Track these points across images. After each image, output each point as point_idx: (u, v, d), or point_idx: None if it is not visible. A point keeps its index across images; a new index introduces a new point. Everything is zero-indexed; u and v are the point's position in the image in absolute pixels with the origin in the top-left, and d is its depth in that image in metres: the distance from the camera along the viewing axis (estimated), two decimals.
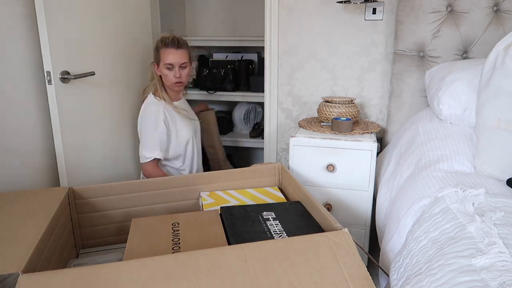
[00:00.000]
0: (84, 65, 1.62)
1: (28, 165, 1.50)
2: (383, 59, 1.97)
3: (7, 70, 1.40)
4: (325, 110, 1.79)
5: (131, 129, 1.97)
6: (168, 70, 1.73)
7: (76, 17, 1.57)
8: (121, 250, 1.24)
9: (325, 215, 1.06)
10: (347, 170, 1.63)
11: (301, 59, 2.08)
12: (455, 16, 1.71)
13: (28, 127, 1.49)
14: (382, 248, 1.18)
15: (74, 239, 1.26)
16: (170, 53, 1.71)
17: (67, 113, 1.54)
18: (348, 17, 1.96)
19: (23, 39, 1.45)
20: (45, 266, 0.96)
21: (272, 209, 1.22)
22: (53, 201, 1.16)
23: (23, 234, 0.96)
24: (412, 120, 1.68)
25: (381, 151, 1.90)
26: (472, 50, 1.72)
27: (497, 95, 1.13)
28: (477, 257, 0.74)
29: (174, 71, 1.73)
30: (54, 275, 0.78)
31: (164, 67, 1.73)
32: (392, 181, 1.40)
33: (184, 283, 0.78)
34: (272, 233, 1.06)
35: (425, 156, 1.30)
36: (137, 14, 2.01)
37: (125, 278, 0.78)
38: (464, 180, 1.09)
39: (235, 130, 2.79)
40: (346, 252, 0.87)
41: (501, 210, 0.88)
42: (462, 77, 1.46)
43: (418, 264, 0.85)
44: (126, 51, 1.91)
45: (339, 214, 1.69)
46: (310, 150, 1.65)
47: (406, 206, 1.13)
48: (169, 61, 1.72)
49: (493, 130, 1.13)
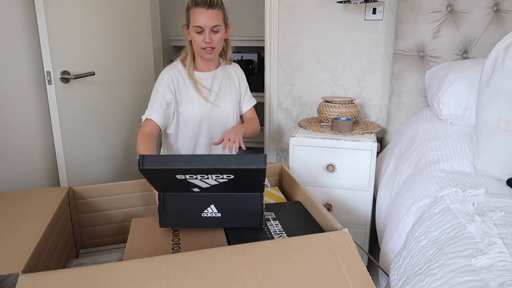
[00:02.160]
0: (84, 65, 1.62)
1: (28, 165, 1.50)
2: (383, 59, 1.97)
3: (7, 70, 1.40)
4: (325, 110, 1.79)
5: (131, 129, 1.97)
6: (197, 34, 1.48)
7: (76, 17, 1.57)
8: (121, 250, 1.24)
9: (325, 215, 1.06)
10: (347, 170, 1.63)
11: (301, 59, 2.08)
12: (455, 16, 1.71)
13: (28, 127, 1.49)
14: (382, 248, 1.18)
15: (74, 239, 1.26)
16: (200, 13, 1.46)
17: (67, 113, 1.54)
18: (348, 17, 1.96)
19: (23, 39, 1.45)
20: (45, 266, 0.96)
21: (272, 209, 1.22)
22: (53, 201, 1.16)
23: (23, 234, 0.96)
24: (412, 120, 1.68)
25: (381, 151, 1.90)
26: (472, 50, 1.72)
27: (497, 95, 1.13)
28: (477, 257, 0.74)
29: (204, 35, 1.48)
30: (54, 275, 0.78)
31: (193, 30, 1.48)
32: (392, 181, 1.40)
33: (184, 283, 0.78)
34: (272, 233, 1.06)
35: (425, 156, 1.30)
36: (137, 14, 2.01)
37: (125, 278, 0.78)
38: (464, 180, 1.08)
39: None
40: (346, 252, 0.87)
41: (501, 210, 0.88)
42: (462, 77, 1.46)
43: (418, 264, 0.85)
44: (126, 51, 1.91)
45: (339, 214, 1.69)
46: (310, 150, 1.65)
47: (406, 206, 1.13)
48: (198, 23, 1.46)
49: (493, 130, 1.13)
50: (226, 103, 1.62)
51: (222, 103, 1.60)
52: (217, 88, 1.60)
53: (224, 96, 1.62)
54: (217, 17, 1.48)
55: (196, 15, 1.46)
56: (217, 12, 1.48)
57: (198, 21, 1.45)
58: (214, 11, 1.47)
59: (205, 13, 1.45)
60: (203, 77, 1.58)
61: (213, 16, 1.47)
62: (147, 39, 2.11)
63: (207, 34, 1.47)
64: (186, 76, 1.54)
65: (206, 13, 1.45)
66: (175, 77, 1.53)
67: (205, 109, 1.56)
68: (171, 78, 1.52)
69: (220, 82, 1.62)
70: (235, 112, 1.65)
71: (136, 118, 1.97)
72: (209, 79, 1.59)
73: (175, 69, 1.54)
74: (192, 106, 1.55)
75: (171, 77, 1.52)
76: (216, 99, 1.59)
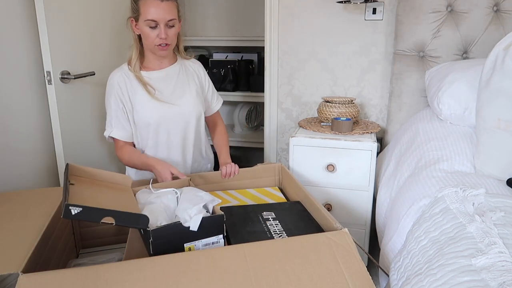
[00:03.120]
0: (84, 65, 1.62)
1: (28, 165, 1.50)
2: (383, 59, 1.97)
3: (7, 70, 1.40)
4: (325, 110, 1.79)
5: None
6: (150, 28, 1.31)
7: (76, 17, 1.57)
8: (121, 250, 1.24)
9: (325, 215, 1.06)
10: (347, 170, 1.63)
11: (301, 59, 2.08)
12: (455, 16, 1.71)
13: (28, 127, 1.49)
14: (382, 248, 1.18)
15: (74, 239, 1.26)
16: (154, 5, 1.28)
17: (67, 113, 1.55)
18: (348, 17, 1.96)
19: (23, 39, 1.45)
20: (45, 266, 0.96)
21: (272, 209, 1.22)
22: (53, 201, 1.16)
23: (23, 234, 0.96)
24: (412, 120, 1.68)
25: (381, 151, 1.90)
26: (472, 50, 1.72)
27: (497, 95, 1.13)
28: (477, 257, 0.74)
29: (158, 30, 1.31)
30: (54, 275, 0.78)
31: (145, 24, 1.30)
32: (392, 181, 1.40)
33: (184, 283, 0.78)
34: (272, 233, 1.06)
35: (425, 156, 1.30)
36: None
37: (125, 278, 0.78)
38: (464, 180, 1.08)
39: (235, 130, 2.79)
40: (346, 252, 0.87)
41: (501, 210, 0.88)
42: (462, 77, 1.46)
43: (418, 264, 0.85)
44: (126, 51, 1.90)
45: (339, 214, 1.69)
46: (310, 150, 1.65)
47: (406, 206, 1.13)
48: (151, 16, 1.29)
49: (493, 130, 1.13)
50: (185, 101, 1.44)
51: (179, 102, 1.43)
52: (172, 87, 1.44)
53: (181, 94, 1.45)
54: (172, 9, 1.32)
55: (148, 6, 1.28)
56: (171, 4, 1.32)
57: (151, 14, 1.28)
58: (169, 3, 1.30)
59: (159, 5, 1.28)
60: (152, 77, 1.41)
61: (168, 8, 1.30)
62: None
63: (162, 29, 1.31)
64: (133, 78, 1.39)
65: (160, 6, 1.28)
66: (122, 83, 1.38)
67: (159, 112, 1.40)
68: (118, 85, 1.38)
69: (176, 79, 1.45)
70: (196, 111, 1.47)
71: None
72: (160, 78, 1.42)
73: (121, 73, 1.40)
74: (144, 110, 1.39)
75: (118, 84, 1.38)
76: (171, 98, 1.42)
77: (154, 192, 1.12)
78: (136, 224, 0.89)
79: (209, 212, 1.01)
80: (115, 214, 0.87)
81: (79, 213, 0.83)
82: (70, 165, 1.10)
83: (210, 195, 1.05)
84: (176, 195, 1.10)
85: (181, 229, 0.91)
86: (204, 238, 0.94)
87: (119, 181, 1.19)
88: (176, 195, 1.10)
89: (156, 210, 1.01)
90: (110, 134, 1.41)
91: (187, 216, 0.94)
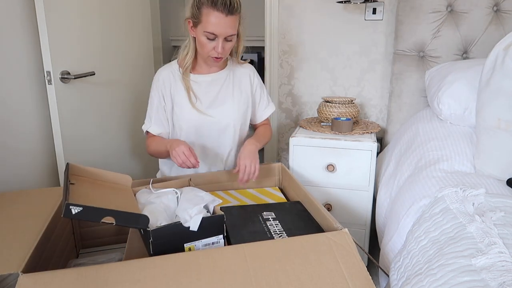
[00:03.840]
0: (84, 65, 1.62)
1: (28, 165, 1.50)
2: (383, 59, 1.97)
3: (7, 70, 1.40)
4: (325, 110, 1.79)
5: (131, 129, 1.96)
6: (208, 39, 1.26)
7: (76, 17, 1.57)
8: (121, 250, 1.24)
9: (325, 215, 1.06)
10: (347, 170, 1.63)
11: (301, 59, 2.08)
12: (455, 16, 1.71)
13: (28, 127, 1.49)
14: (382, 248, 1.18)
15: (74, 239, 1.26)
16: (217, 18, 1.21)
17: (67, 113, 1.55)
18: (348, 17, 1.96)
19: (23, 39, 1.45)
20: (45, 266, 0.96)
21: (272, 209, 1.22)
22: (53, 201, 1.15)
23: (23, 234, 0.96)
24: (412, 120, 1.68)
25: (381, 151, 1.90)
26: (472, 50, 1.72)
27: (497, 95, 1.13)
28: (477, 257, 0.74)
29: (215, 43, 1.26)
30: (54, 275, 0.78)
31: (203, 34, 1.25)
32: (392, 181, 1.40)
33: (184, 283, 0.78)
34: (272, 233, 1.06)
35: (425, 156, 1.30)
36: (137, 14, 2.01)
37: (125, 278, 0.78)
38: (464, 180, 1.09)
39: None
40: (346, 252, 0.87)
41: (501, 210, 0.88)
42: (462, 77, 1.46)
43: (418, 264, 0.85)
44: (126, 51, 1.91)
45: (339, 214, 1.69)
46: (310, 150, 1.65)
47: (406, 206, 1.13)
48: (212, 29, 1.23)
49: (493, 130, 1.13)
50: (223, 111, 1.41)
51: (216, 112, 1.40)
52: (214, 94, 1.40)
53: (222, 102, 1.41)
54: (234, 24, 1.26)
55: (211, 18, 1.22)
56: (235, 18, 1.25)
57: (212, 27, 1.23)
58: (232, 18, 1.24)
59: (223, 19, 1.22)
60: (198, 80, 1.39)
61: (230, 23, 1.24)
62: (147, 39, 2.11)
63: (220, 44, 1.26)
64: (179, 78, 1.38)
65: (224, 20, 1.22)
66: (167, 80, 1.38)
67: (192, 121, 1.38)
68: (163, 82, 1.38)
69: (221, 86, 1.42)
70: (236, 123, 1.43)
71: (135, 118, 1.97)
72: (206, 83, 1.40)
73: (168, 70, 1.40)
74: (181, 112, 1.39)
75: (162, 81, 1.38)
76: (209, 107, 1.39)
77: (154, 192, 1.12)
78: (136, 224, 0.89)
79: (210, 213, 1.01)
80: (115, 214, 0.87)
81: (79, 213, 0.83)
82: (71, 165, 1.10)
83: (210, 195, 1.05)
84: (176, 195, 1.10)
85: (181, 229, 0.91)
86: (204, 238, 0.95)
87: (119, 181, 1.19)
88: (176, 195, 1.10)
89: (156, 210, 1.01)
90: (148, 129, 1.41)
91: (187, 216, 0.94)
